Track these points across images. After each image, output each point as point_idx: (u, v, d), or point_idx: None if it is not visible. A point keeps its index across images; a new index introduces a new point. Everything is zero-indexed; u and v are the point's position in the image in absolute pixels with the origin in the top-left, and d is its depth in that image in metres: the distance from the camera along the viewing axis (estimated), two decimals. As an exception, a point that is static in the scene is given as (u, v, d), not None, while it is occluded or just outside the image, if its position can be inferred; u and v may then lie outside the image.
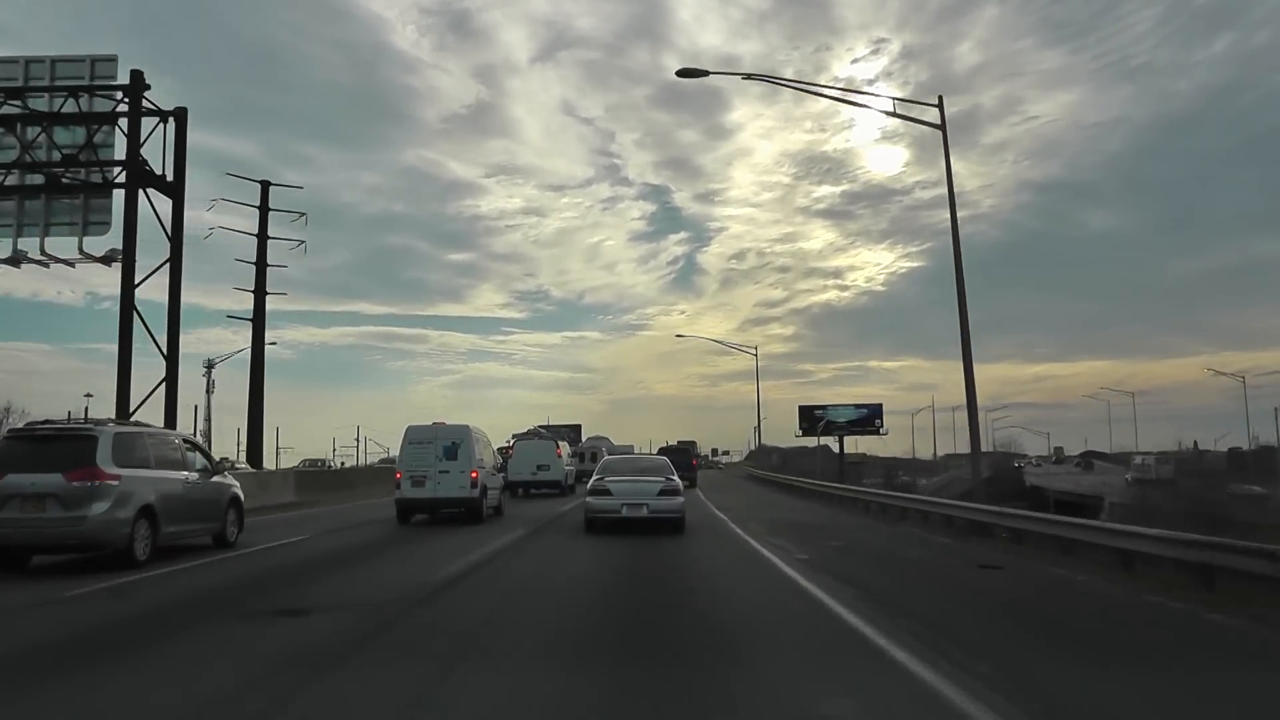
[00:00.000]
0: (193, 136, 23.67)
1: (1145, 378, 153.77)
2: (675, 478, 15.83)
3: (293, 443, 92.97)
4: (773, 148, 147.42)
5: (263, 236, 36.92)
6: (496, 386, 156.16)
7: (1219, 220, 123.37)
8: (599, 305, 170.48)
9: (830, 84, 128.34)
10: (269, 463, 70.45)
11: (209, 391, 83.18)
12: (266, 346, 36.79)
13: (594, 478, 16.20)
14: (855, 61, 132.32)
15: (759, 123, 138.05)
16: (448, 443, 18.14)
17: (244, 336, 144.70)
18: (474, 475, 18.15)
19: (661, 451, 35.17)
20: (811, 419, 41.29)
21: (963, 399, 17.85)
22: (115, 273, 23.51)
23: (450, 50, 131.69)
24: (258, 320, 36.94)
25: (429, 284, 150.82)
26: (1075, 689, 5.47)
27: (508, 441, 34.61)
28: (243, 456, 40.08)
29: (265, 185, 36.97)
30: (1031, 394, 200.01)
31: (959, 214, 18.18)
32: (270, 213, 37.11)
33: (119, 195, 23.51)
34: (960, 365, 18.24)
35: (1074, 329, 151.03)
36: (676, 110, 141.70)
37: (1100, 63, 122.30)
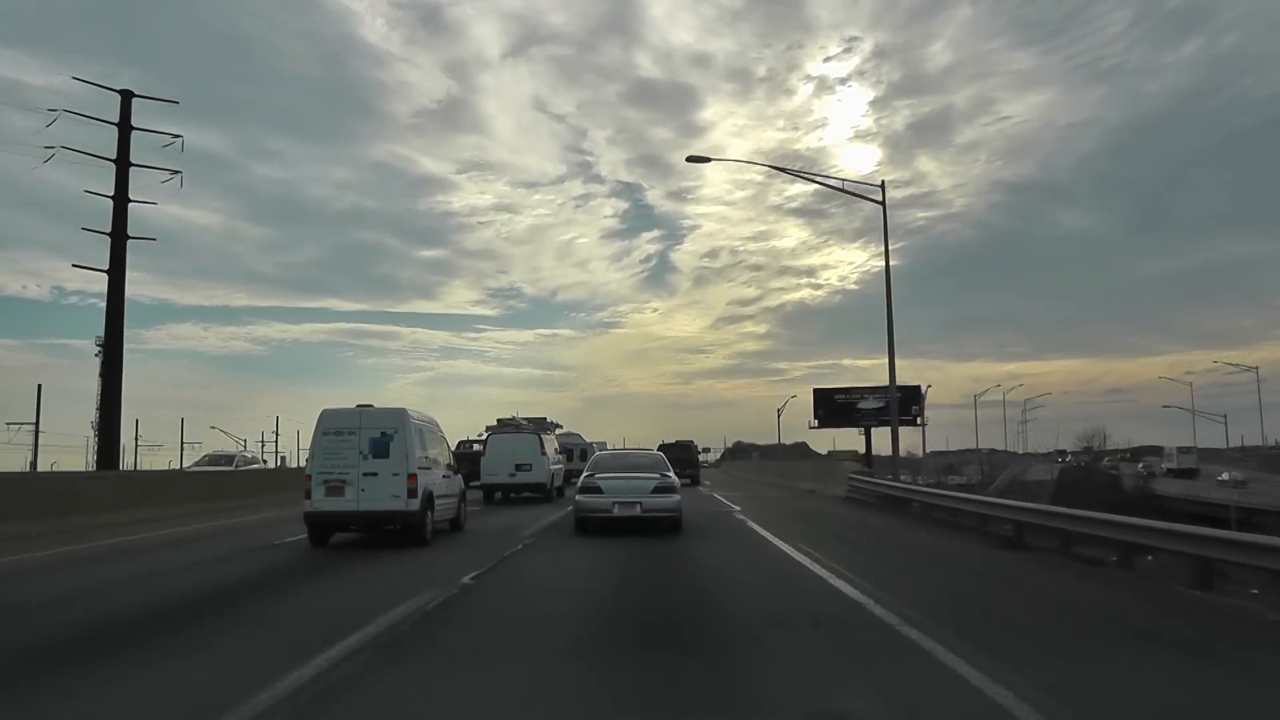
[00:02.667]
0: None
1: (1116, 376, 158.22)
2: (671, 474, 15.90)
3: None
4: (745, 146, 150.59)
5: (123, 162, 29.88)
6: (469, 384, 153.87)
7: (1189, 221, 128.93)
8: (572, 303, 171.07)
9: (803, 81, 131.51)
10: (163, 462, 62.99)
11: (102, 375, 74.85)
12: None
13: (584, 474, 16.08)
14: (828, 60, 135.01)
15: (731, 120, 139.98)
16: (375, 434, 13.50)
17: (215, 333, 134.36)
18: (411, 479, 13.23)
19: (661, 448, 32.32)
20: (832, 406, 34.80)
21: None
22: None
23: (420, 44, 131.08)
24: (115, 271, 30.04)
25: (400, 280, 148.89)
26: None
27: (481, 434, 30.67)
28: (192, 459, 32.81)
29: (126, 95, 29.99)
30: (1005, 393, 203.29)
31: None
32: (134, 133, 30.03)
33: None
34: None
35: (1046, 328, 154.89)
36: (648, 108, 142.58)
37: (1072, 64, 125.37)
